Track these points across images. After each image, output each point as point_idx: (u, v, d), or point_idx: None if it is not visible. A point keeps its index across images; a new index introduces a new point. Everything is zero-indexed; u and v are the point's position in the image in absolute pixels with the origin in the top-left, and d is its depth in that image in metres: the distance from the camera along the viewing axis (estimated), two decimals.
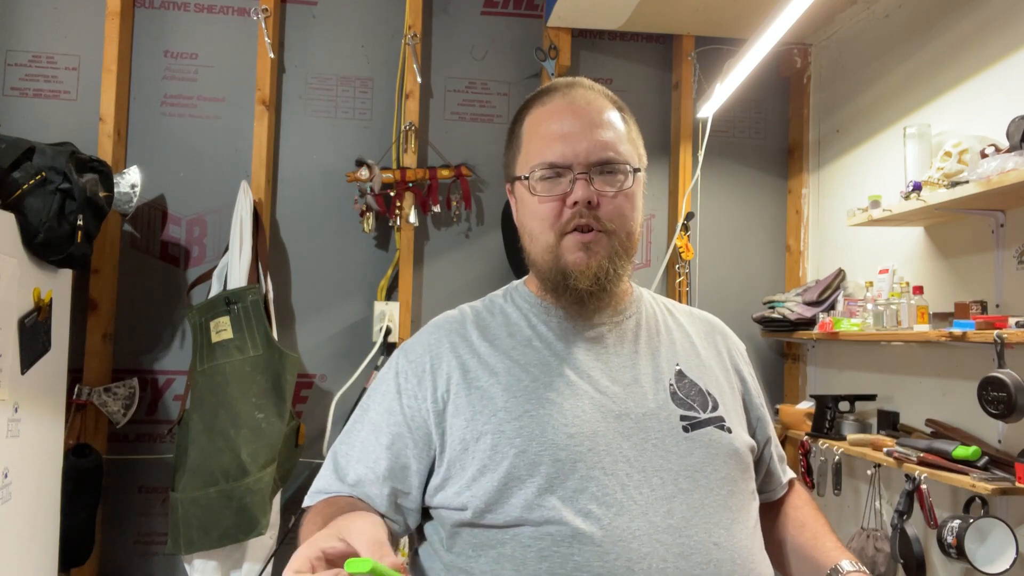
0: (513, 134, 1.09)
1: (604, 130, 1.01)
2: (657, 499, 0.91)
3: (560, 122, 1.01)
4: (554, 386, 0.97)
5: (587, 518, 0.88)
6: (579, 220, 0.98)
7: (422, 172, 2.82)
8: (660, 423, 0.97)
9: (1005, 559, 1.79)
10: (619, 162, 1.00)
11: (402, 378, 1.02)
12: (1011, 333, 1.73)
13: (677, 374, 1.03)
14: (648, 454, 0.94)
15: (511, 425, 0.93)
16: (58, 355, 2.29)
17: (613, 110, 1.05)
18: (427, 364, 1.01)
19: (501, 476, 0.91)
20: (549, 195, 1.00)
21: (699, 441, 0.97)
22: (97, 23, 2.74)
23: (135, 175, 2.58)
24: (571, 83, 1.07)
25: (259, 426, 2.40)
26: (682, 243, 2.97)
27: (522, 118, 1.08)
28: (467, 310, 1.09)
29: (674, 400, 1.00)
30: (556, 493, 0.89)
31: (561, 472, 0.90)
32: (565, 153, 0.99)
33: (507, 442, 0.92)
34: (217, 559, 2.40)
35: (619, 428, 0.94)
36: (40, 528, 2.22)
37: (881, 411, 2.42)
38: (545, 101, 1.05)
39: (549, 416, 0.94)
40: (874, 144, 2.64)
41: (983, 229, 2.09)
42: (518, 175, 1.04)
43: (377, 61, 2.95)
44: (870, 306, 2.32)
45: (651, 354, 1.05)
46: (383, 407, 1.02)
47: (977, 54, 2.14)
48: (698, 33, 3.00)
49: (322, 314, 2.86)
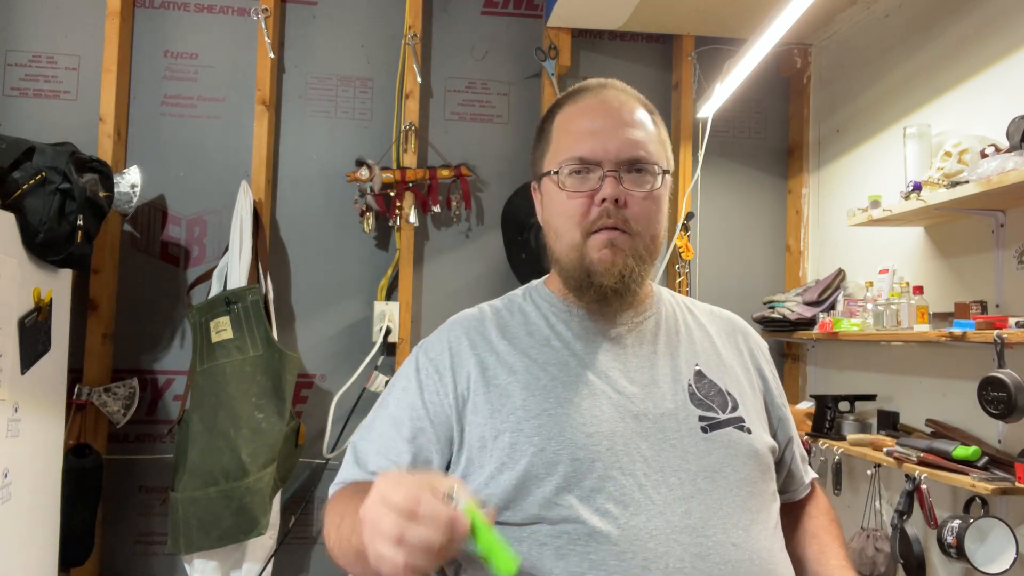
0: (543, 131, 1.08)
1: (635, 129, 1.01)
2: (675, 499, 0.90)
3: (592, 119, 1.01)
4: (572, 386, 0.96)
5: (604, 517, 0.88)
6: (606, 220, 0.98)
7: (422, 172, 2.82)
8: (678, 423, 0.96)
9: (1005, 559, 1.79)
10: (649, 162, 1.00)
11: (423, 374, 1.02)
12: (1011, 333, 1.73)
13: (696, 374, 1.03)
14: (666, 454, 0.93)
15: (530, 424, 0.93)
16: (58, 355, 2.29)
17: (644, 111, 1.05)
18: (447, 361, 1.01)
19: (519, 474, 0.91)
20: (578, 191, 0.99)
21: (718, 442, 0.96)
22: (97, 23, 2.74)
23: (135, 175, 2.58)
24: (603, 83, 1.07)
25: (259, 426, 2.40)
26: (682, 243, 2.97)
27: (553, 115, 1.07)
28: (486, 309, 1.09)
29: (692, 400, 0.99)
30: (574, 492, 0.89)
31: (579, 471, 0.90)
32: (595, 149, 0.99)
33: (526, 440, 0.92)
34: (217, 559, 2.40)
35: (637, 428, 0.94)
36: (40, 528, 2.22)
37: (881, 411, 2.42)
38: (577, 99, 1.05)
39: (567, 415, 0.94)
40: (874, 144, 2.64)
41: (983, 229, 2.09)
42: (547, 170, 1.04)
43: (377, 61, 2.95)
44: (870, 306, 2.32)
45: (670, 354, 1.04)
46: (404, 402, 1.01)
47: (977, 54, 2.14)
48: (698, 33, 3.00)
49: (322, 314, 2.86)
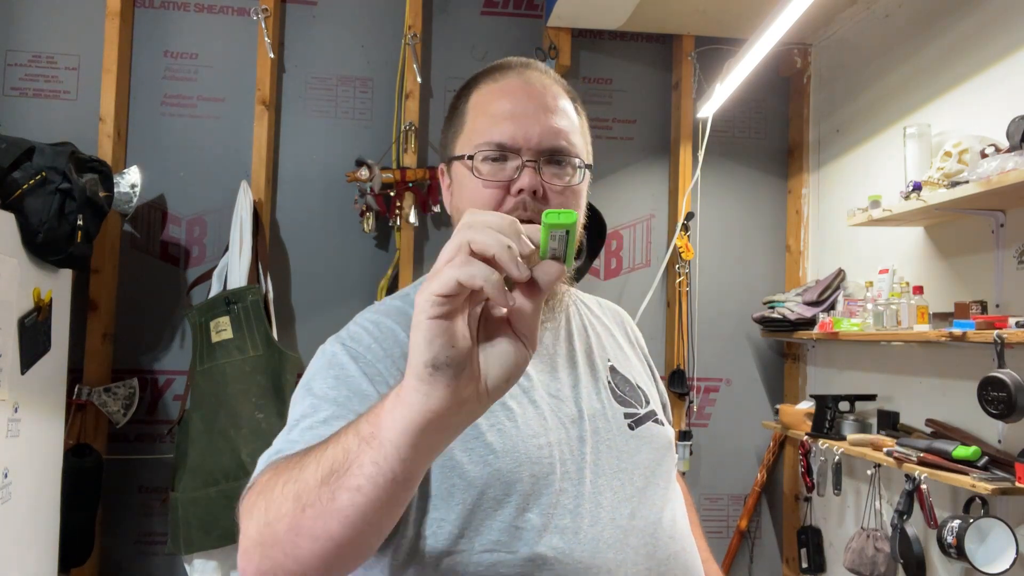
0: (456, 110, 0.98)
1: (558, 117, 0.92)
2: (620, 501, 0.88)
3: (512, 101, 0.92)
4: (510, 393, 0.85)
5: (563, 535, 0.82)
6: (522, 212, 0.88)
7: (422, 172, 2.82)
8: (608, 423, 0.93)
9: (1005, 559, 1.79)
10: (571, 154, 0.92)
11: (352, 353, 0.87)
12: (1011, 333, 1.73)
13: (611, 370, 1.00)
14: (604, 456, 0.90)
15: (479, 440, 0.84)
16: (58, 355, 2.29)
17: (568, 99, 0.96)
18: (379, 349, 0.88)
19: (475, 496, 0.82)
20: (493, 179, 0.90)
21: (642, 438, 0.95)
22: (97, 23, 2.74)
23: (135, 175, 2.58)
24: (526, 63, 0.97)
25: (259, 426, 2.40)
26: (682, 243, 2.97)
27: (467, 94, 0.97)
28: (398, 304, 0.96)
29: (615, 398, 0.97)
30: (533, 511, 0.82)
31: (537, 488, 0.83)
32: (515, 135, 0.89)
33: (479, 458, 0.83)
34: (217, 559, 2.40)
35: (577, 432, 0.90)
36: (40, 528, 2.22)
37: (881, 411, 2.42)
38: (497, 77, 0.95)
39: (517, 427, 0.86)
40: (874, 144, 2.64)
41: (983, 229, 2.09)
42: (459, 154, 0.94)
43: (377, 61, 2.95)
44: (870, 306, 2.32)
45: (585, 352, 1.00)
46: (330, 376, 0.85)
47: (977, 54, 2.14)
48: (698, 33, 3.00)
49: (322, 314, 2.86)
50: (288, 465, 0.67)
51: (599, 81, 3.06)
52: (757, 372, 3.08)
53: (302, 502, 0.62)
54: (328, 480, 0.61)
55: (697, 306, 3.03)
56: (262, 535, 0.65)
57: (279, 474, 0.67)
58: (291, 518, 0.63)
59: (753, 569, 3.03)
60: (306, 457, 0.65)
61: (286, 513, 0.63)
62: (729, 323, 3.06)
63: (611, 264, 3.06)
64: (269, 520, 0.65)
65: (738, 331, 3.07)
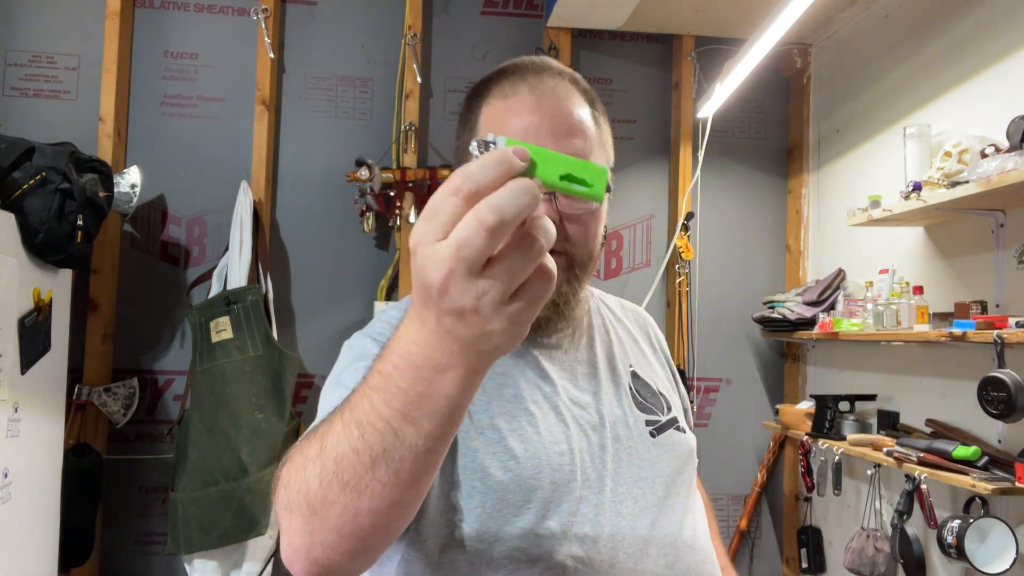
0: (467, 120, 0.94)
1: (575, 139, 0.88)
2: (640, 511, 0.87)
3: (524, 121, 0.86)
4: (532, 399, 0.88)
5: (583, 543, 0.82)
6: None
7: (422, 172, 2.82)
8: (629, 430, 0.92)
9: (1005, 559, 1.79)
10: None
11: (382, 345, 0.82)
12: (1011, 333, 1.73)
13: (632, 376, 0.99)
14: (625, 464, 0.89)
15: (501, 445, 0.84)
16: (58, 355, 2.29)
17: (585, 107, 0.92)
18: None
19: (494, 502, 0.82)
20: None
21: (664, 446, 0.94)
22: (97, 23, 2.74)
23: (135, 175, 2.58)
24: (540, 67, 0.91)
25: (259, 426, 2.40)
26: (682, 243, 2.97)
27: (478, 103, 0.92)
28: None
29: (636, 404, 0.95)
30: (552, 518, 0.82)
31: (558, 495, 0.83)
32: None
33: (500, 464, 0.83)
34: (217, 559, 2.40)
35: (598, 440, 0.89)
36: (40, 528, 2.22)
37: (881, 411, 2.42)
38: (508, 93, 0.90)
39: (539, 434, 0.86)
40: (874, 144, 2.64)
41: (983, 229, 2.09)
42: None
43: (377, 61, 2.95)
44: (870, 306, 2.32)
45: (606, 356, 0.98)
46: (361, 368, 0.80)
47: (977, 54, 2.14)
48: (698, 33, 3.00)
49: (322, 314, 2.86)
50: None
51: (599, 81, 3.06)
52: (757, 372, 3.08)
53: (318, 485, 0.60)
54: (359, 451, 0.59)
55: (697, 306, 3.03)
56: (299, 487, 0.63)
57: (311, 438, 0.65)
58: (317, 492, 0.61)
59: (753, 569, 3.03)
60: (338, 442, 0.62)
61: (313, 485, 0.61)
62: (729, 323, 3.06)
63: (611, 264, 3.06)
64: (300, 483, 0.62)
65: (738, 331, 3.07)
